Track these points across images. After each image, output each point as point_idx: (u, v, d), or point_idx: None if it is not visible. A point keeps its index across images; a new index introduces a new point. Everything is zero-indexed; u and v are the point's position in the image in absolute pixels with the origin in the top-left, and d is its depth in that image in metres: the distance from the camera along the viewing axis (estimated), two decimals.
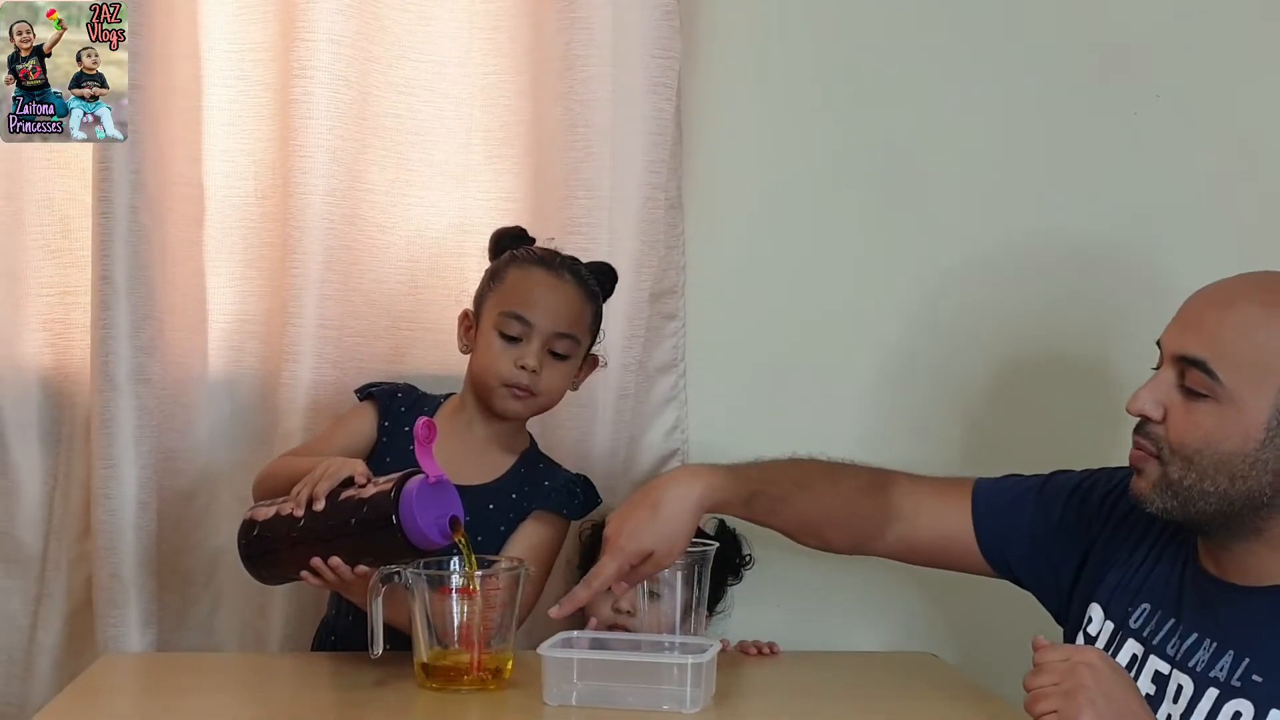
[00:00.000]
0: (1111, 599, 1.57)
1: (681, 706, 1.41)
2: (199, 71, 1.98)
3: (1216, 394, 1.41)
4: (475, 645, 1.51)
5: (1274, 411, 1.39)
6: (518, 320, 1.73)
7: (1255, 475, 1.41)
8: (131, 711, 1.56)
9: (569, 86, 1.98)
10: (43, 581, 1.97)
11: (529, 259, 1.78)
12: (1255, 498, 1.41)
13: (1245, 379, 1.40)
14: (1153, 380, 1.48)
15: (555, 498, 1.77)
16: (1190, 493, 1.44)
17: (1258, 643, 1.38)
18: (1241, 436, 1.41)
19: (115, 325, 1.90)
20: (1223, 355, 1.41)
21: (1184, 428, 1.43)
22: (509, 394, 1.74)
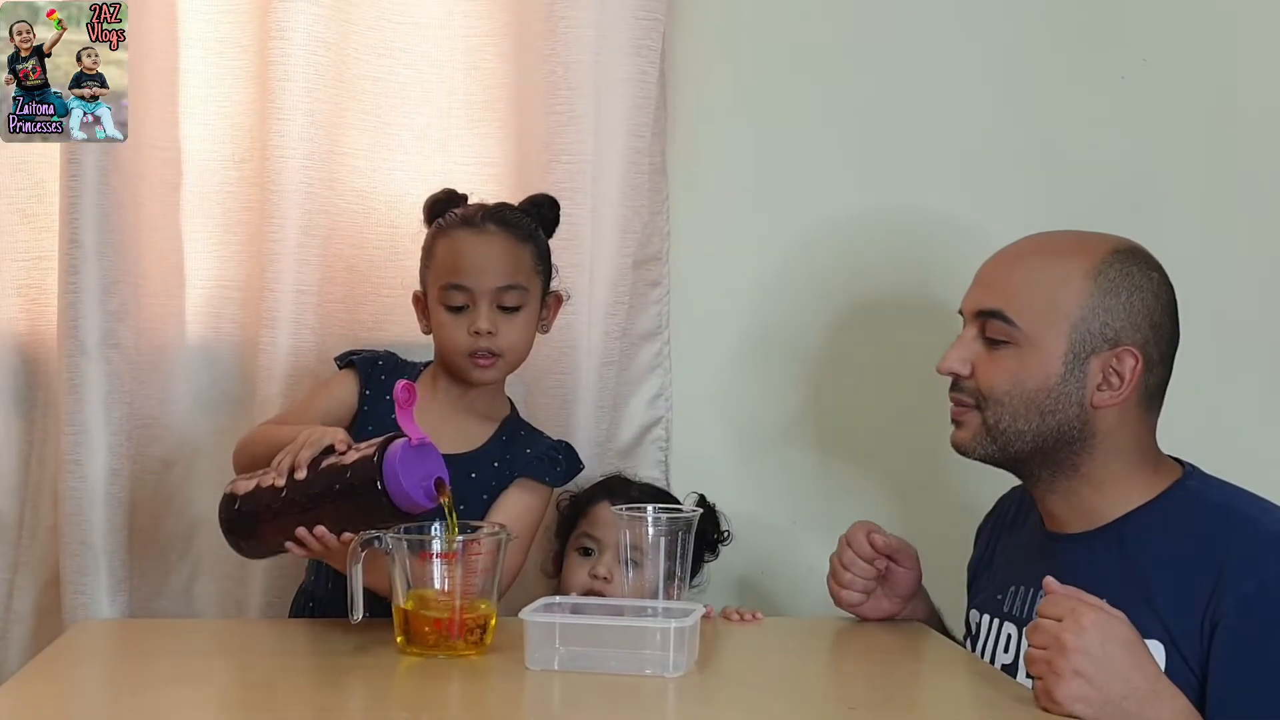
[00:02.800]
0: (983, 598, 1.67)
1: (664, 671, 1.40)
2: (174, 33, 1.95)
3: (1015, 339, 1.54)
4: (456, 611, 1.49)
5: (1068, 346, 1.52)
6: (456, 289, 1.71)
7: (1061, 408, 1.52)
8: (105, 677, 1.54)
9: (551, 49, 1.96)
10: (18, 549, 1.96)
11: (452, 224, 1.75)
12: (1066, 431, 1.53)
13: (1039, 321, 1.53)
14: (957, 341, 1.60)
15: (537, 465, 1.76)
16: (1007, 434, 1.55)
17: (1106, 583, 1.44)
18: (1043, 374, 1.53)
19: (84, 289, 1.87)
20: (1016, 302, 1.54)
21: (991, 374, 1.56)
22: (473, 364, 1.72)
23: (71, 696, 1.40)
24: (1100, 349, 1.52)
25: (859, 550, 1.68)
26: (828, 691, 1.52)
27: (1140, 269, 1.54)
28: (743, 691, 1.46)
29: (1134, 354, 1.52)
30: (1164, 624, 1.43)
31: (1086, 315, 1.52)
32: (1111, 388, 1.52)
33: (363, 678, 1.45)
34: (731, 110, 2.09)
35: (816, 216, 2.11)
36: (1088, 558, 1.52)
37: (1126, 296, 1.52)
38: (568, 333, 1.98)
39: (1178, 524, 1.50)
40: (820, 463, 2.11)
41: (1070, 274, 1.53)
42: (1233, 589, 1.41)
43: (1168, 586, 1.45)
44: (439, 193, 1.81)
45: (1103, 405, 1.52)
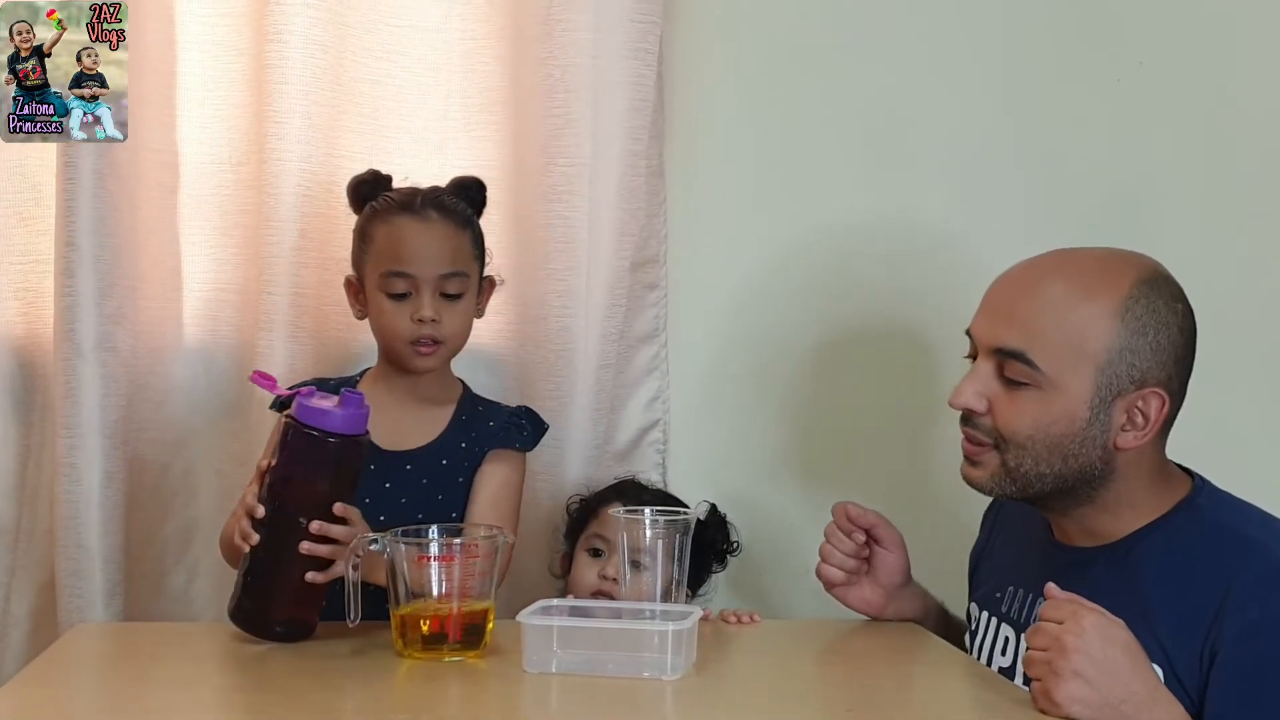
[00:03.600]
0: (983, 593, 1.66)
1: (662, 673, 1.40)
2: (172, 36, 1.95)
3: (1038, 382, 1.47)
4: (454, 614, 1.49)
5: (1094, 390, 1.45)
6: (399, 277, 1.71)
7: (1085, 452, 1.47)
8: (102, 681, 1.54)
9: (549, 52, 1.96)
10: (14, 552, 1.96)
11: (390, 209, 1.74)
12: (1087, 472, 1.48)
13: (1063, 363, 1.45)
14: (972, 373, 1.53)
15: (504, 434, 1.77)
16: (1028, 477, 1.50)
17: (1108, 600, 1.40)
18: (1068, 418, 1.46)
19: (80, 293, 1.87)
20: (1038, 344, 1.46)
21: (1011, 416, 1.49)
22: (415, 351, 1.73)
23: (68, 700, 1.40)
24: (1126, 391, 1.46)
25: (838, 520, 1.69)
26: (825, 693, 1.52)
27: (1166, 303, 1.48)
28: (741, 694, 1.46)
29: (1160, 395, 1.46)
30: (1163, 647, 1.40)
31: (1114, 358, 1.45)
32: (1136, 428, 1.47)
33: (360, 680, 1.45)
34: (729, 113, 2.09)
35: (814, 219, 2.11)
36: (1091, 573, 1.50)
37: (1153, 335, 1.46)
38: (565, 335, 1.98)
39: (1184, 545, 1.46)
40: (818, 465, 2.11)
41: (1096, 314, 1.45)
42: (1235, 616, 1.38)
43: (1170, 609, 1.42)
44: (364, 174, 1.80)
45: (1127, 446, 1.47)
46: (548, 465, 1.99)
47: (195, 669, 1.51)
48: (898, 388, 2.11)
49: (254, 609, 1.55)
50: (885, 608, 1.71)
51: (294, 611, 1.55)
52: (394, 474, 1.74)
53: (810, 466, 2.11)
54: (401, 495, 1.74)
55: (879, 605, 1.71)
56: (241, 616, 1.56)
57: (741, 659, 1.62)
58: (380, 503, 1.71)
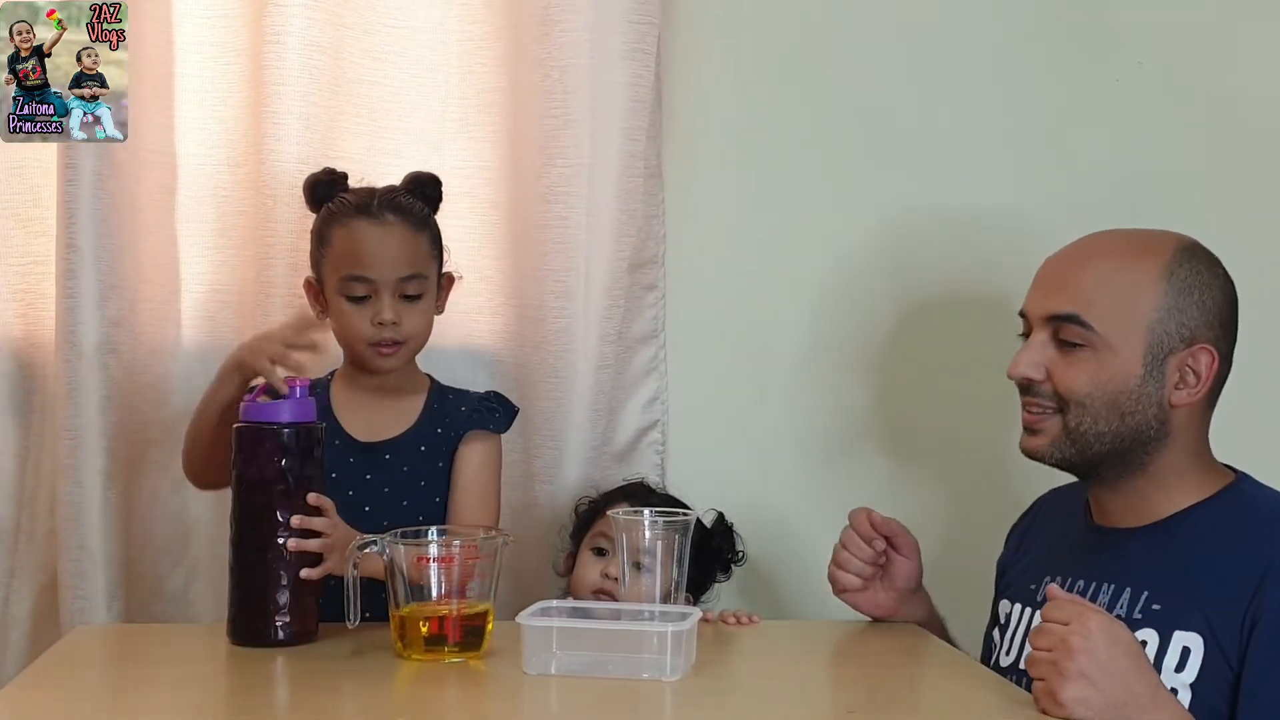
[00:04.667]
0: (1016, 587, 1.67)
1: (662, 674, 1.40)
2: (170, 38, 1.95)
3: (1092, 342, 1.53)
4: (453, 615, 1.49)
5: (1147, 348, 1.52)
6: (358, 281, 1.71)
7: (1142, 409, 1.53)
8: (102, 682, 1.54)
9: (547, 52, 1.96)
10: (14, 554, 1.96)
11: (347, 211, 1.74)
12: (1144, 431, 1.53)
13: (1115, 323, 1.52)
14: (1027, 345, 1.59)
15: (479, 417, 1.79)
16: (1087, 436, 1.54)
17: (1152, 574, 1.47)
18: (1124, 375, 1.52)
19: (81, 294, 1.88)
20: (1091, 305, 1.53)
21: (1070, 377, 1.55)
22: (376, 353, 1.73)
23: (69, 702, 1.40)
24: (1177, 349, 1.52)
25: (859, 527, 1.69)
26: (826, 695, 1.52)
27: (1208, 267, 1.56)
28: (741, 695, 1.46)
29: (1210, 351, 1.53)
30: (1205, 616, 1.44)
31: (1163, 316, 1.52)
32: (1189, 386, 1.53)
33: (360, 682, 1.45)
34: (727, 113, 2.09)
35: (812, 219, 2.11)
36: (1134, 549, 1.54)
37: (1199, 295, 1.53)
38: (563, 336, 1.98)
39: (1228, 523, 1.51)
40: (817, 465, 2.11)
41: (1143, 276, 1.53)
42: (1276, 587, 1.42)
43: (1212, 581, 1.46)
44: (319, 174, 1.79)
45: (1181, 404, 1.53)
46: (546, 466, 1.99)
47: (195, 670, 1.51)
48: (896, 388, 2.11)
49: (250, 619, 1.55)
50: (897, 611, 1.72)
51: (291, 613, 1.55)
52: (374, 465, 1.75)
53: (809, 467, 2.11)
54: (384, 485, 1.75)
55: (890, 609, 1.71)
56: (239, 630, 1.56)
57: (741, 660, 1.62)
58: (364, 494, 1.73)
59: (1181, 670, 1.44)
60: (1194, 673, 1.43)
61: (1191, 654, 1.44)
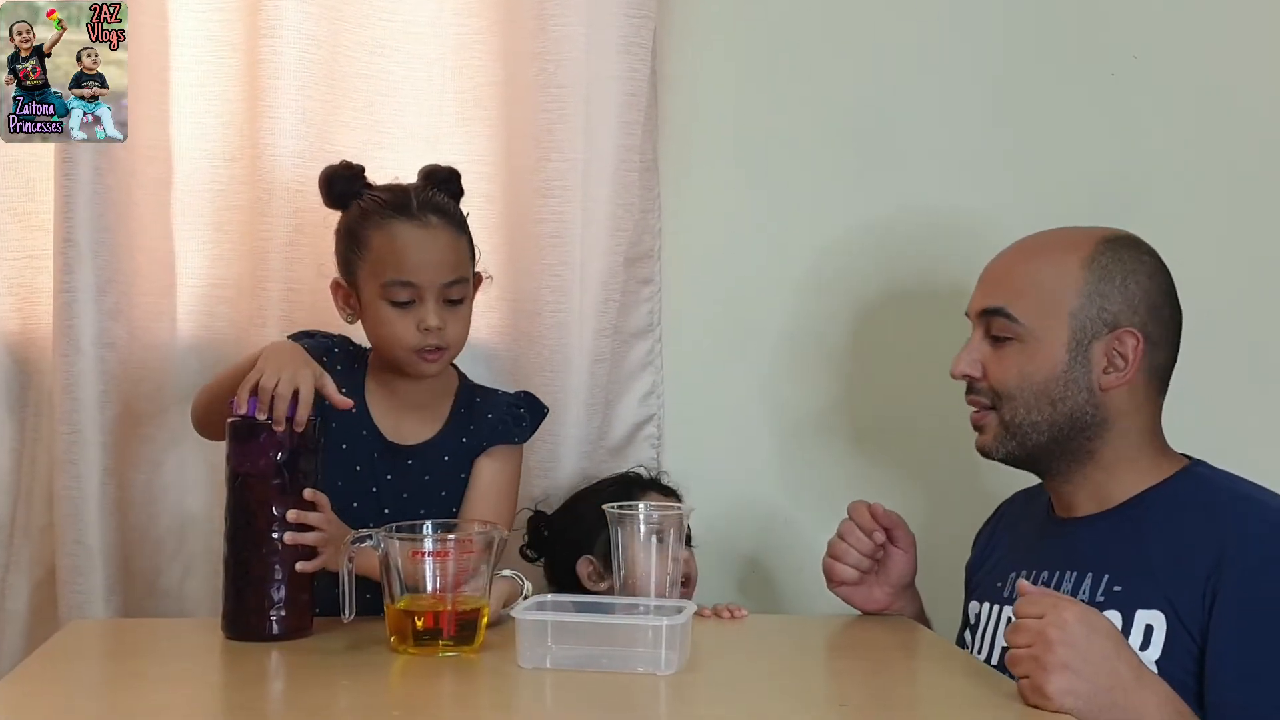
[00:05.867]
0: (982, 586, 1.70)
1: (656, 669, 1.40)
2: (165, 31, 1.95)
3: (1019, 334, 1.59)
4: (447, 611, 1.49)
5: (1070, 334, 1.57)
6: (403, 286, 1.67)
7: (1071, 395, 1.57)
8: (98, 677, 1.54)
9: (542, 46, 1.96)
10: (10, 549, 1.96)
11: (384, 212, 1.69)
12: (1079, 418, 1.57)
13: (1039, 314, 1.58)
14: (966, 345, 1.65)
15: (504, 430, 1.77)
16: (1023, 428, 1.59)
17: (1111, 557, 1.51)
18: (1050, 363, 1.57)
19: (79, 289, 1.88)
20: (1016, 298, 1.59)
21: (1000, 371, 1.60)
22: (420, 359, 1.70)
23: (64, 696, 1.40)
24: (1101, 334, 1.56)
25: (859, 519, 1.70)
26: (820, 688, 1.52)
27: (1131, 254, 1.59)
28: (735, 689, 1.46)
29: (1134, 334, 1.56)
30: (1165, 594, 1.47)
31: (1084, 303, 1.56)
32: (1117, 369, 1.56)
33: (355, 676, 1.45)
34: (723, 107, 2.09)
35: (807, 213, 2.11)
36: (1093, 536, 1.57)
37: (1120, 280, 1.57)
38: (559, 330, 1.98)
39: (1183, 504, 1.54)
40: (812, 458, 2.11)
41: (1064, 265, 1.58)
42: (1235, 562, 1.45)
43: (1170, 559, 1.49)
44: (338, 168, 1.75)
45: (1111, 387, 1.56)
46: (542, 461, 1.99)
47: (190, 665, 1.51)
48: (891, 382, 2.11)
49: (244, 614, 1.55)
50: (890, 606, 1.72)
51: (285, 607, 1.55)
52: (397, 468, 1.75)
53: (804, 461, 2.11)
54: (404, 490, 1.75)
55: (884, 604, 1.72)
56: (233, 625, 1.56)
57: (735, 654, 1.62)
58: (384, 495, 1.73)
59: (1146, 648, 1.46)
60: (1158, 649, 1.46)
61: (1155, 631, 1.46)
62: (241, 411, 1.55)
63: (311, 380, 1.56)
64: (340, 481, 1.68)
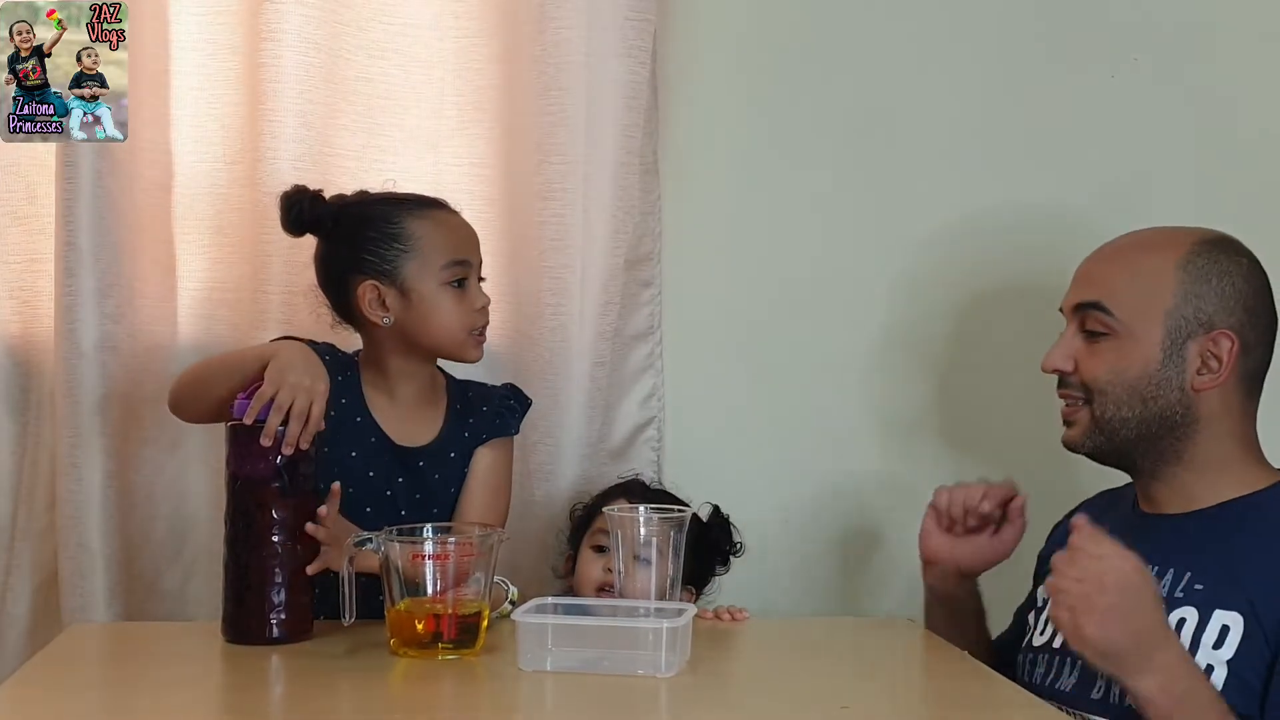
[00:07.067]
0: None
1: (656, 671, 1.40)
2: (165, 35, 1.95)
3: (1114, 329, 1.58)
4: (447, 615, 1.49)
5: (1165, 333, 1.56)
6: (461, 265, 1.73)
7: (1163, 394, 1.56)
8: (99, 681, 1.54)
9: (542, 50, 1.96)
10: (11, 552, 1.96)
11: (417, 205, 1.75)
12: (1169, 417, 1.57)
13: (1136, 310, 1.57)
14: (1059, 339, 1.64)
15: (500, 423, 1.80)
16: (1113, 424, 1.59)
17: (1195, 557, 1.51)
18: (1143, 361, 1.57)
19: (81, 292, 1.88)
20: (1113, 294, 1.59)
21: (1093, 366, 1.60)
22: (475, 341, 1.75)
23: (64, 700, 1.40)
24: (1196, 334, 1.56)
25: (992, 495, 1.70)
26: (820, 690, 1.52)
27: (1228, 255, 1.59)
28: (735, 691, 1.46)
29: (1229, 336, 1.56)
30: (1249, 598, 1.47)
31: (1180, 302, 1.56)
32: (1210, 370, 1.56)
33: (355, 679, 1.45)
34: (723, 110, 2.09)
35: (807, 216, 2.11)
36: (1178, 533, 1.56)
37: (1217, 282, 1.57)
38: (559, 333, 1.98)
39: (1274, 515, 1.53)
40: (812, 461, 2.11)
41: (1161, 265, 1.58)
42: None
43: (1257, 566, 1.48)
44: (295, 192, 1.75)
45: (1203, 388, 1.56)
46: (542, 464, 1.99)
47: (191, 668, 1.51)
48: (892, 385, 2.11)
49: (244, 617, 1.55)
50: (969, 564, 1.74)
51: (286, 610, 1.55)
52: (409, 470, 1.76)
53: (805, 464, 2.11)
54: (416, 491, 1.76)
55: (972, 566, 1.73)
56: (234, 628, 1.56)
57: (736, 656, 1.62)
58: (399, 499, 1.74)
59: (1219, 647, 1.46)
60: (1232, 650, 1.46)
61: (1230, 632, 1.46)
62: (250, 421, 1.55)
63: (323, 400, 1.59)
64: (352, 488, 1.68)
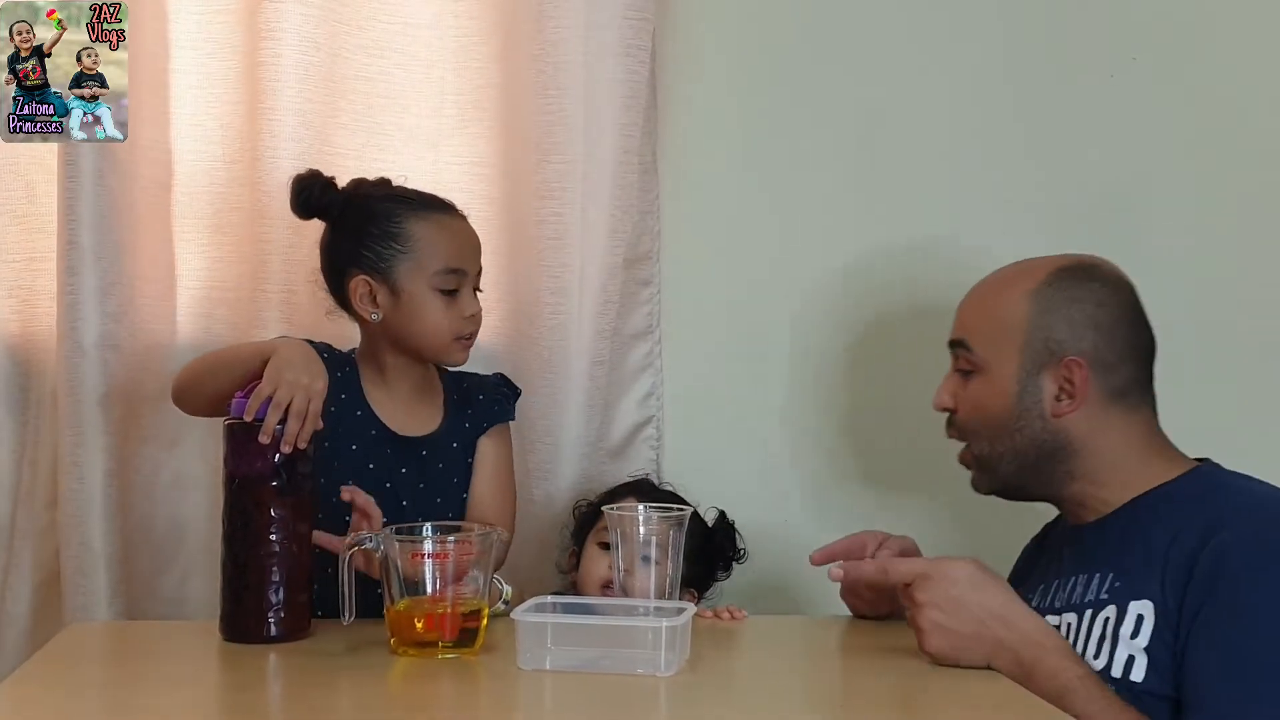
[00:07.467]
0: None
1: (656, 670, 1.40)
2: (165, 34, 1.95)
3: (978, 365, 1.64)
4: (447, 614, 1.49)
5: (1020, 366, 1.60)
6: (455, 274, 1.73)
7: (1027, 425, 1.60)
8: (99, 679, 1.54)
9: (541, 49, 1.96)
10: (11, 551, 1.96)
11: (421, 206, 1.74)
12: (1040, 445, 1.61)
13: (992, 346, 1.62)
14: (945, 377, 1.69)
15: (499, 410, 1.82)
16: (991, 460, 1.64)
17: (1116, 556, 1.56)
18: (1002, 395, 1.61)
19: (82, 291, 1.88)
20: (974, 331, 1.65)
21: (965, 406, 1.65)
22: (461, 346, 1.75)
23: (63, 699, 1.40)
24: (1049, 363, 1.59)
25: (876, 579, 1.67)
26: (820, 690, 1.53)
27: (1077, 281, 1.61)
28: (734, 690, 1.46)
29: (1079, 363, 1.58)
30: (1159, 582, 1.50)
31: (1032, 334, 1.60)
32: (1069, 396, 1.59)
33: (354, 679, 1.45)
34: (722, 109, 2.09)
35: (807, 215, 2.11)
36: (1099, 537, 1.59)
37: (1065, 310, 1.60)
38: (558, 332, 1.99)
39: (1185, 499, 1.56)
40: (810, 461, 2.11)
41: (1015, 298, 1.62)
42: (1214, 541, 1.48)
43: (1164, 547, 1.51)
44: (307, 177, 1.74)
45: (1063, 414, 1.59)
46: (541, 462, 2.00)
47: (190, 667, 1.51)
48: (892, 383, 2.11)
49: (242, 616, 1.55)
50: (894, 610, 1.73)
51: (283, 609, 1.55)
52: (410, 459, 1.76)
53: (803, 463, 2.11)
54: (420, 480, 1.76)
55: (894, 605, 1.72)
56: (232, 627, 1.56)
57: (735, 655, 1.62)
58: (400, 489, 1.74)
59: (1136, 637, 1.50)
60: (1147, 637, 1.49)
61: (1144, 621, 1.50)
62: (249, 419, 1.55)
63: (320, 399, 1.59)
64: (352, 480, 1.69)
